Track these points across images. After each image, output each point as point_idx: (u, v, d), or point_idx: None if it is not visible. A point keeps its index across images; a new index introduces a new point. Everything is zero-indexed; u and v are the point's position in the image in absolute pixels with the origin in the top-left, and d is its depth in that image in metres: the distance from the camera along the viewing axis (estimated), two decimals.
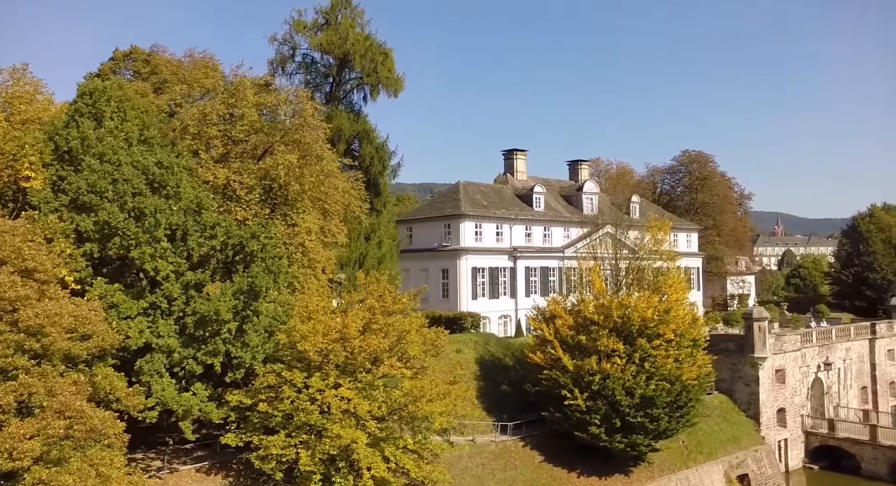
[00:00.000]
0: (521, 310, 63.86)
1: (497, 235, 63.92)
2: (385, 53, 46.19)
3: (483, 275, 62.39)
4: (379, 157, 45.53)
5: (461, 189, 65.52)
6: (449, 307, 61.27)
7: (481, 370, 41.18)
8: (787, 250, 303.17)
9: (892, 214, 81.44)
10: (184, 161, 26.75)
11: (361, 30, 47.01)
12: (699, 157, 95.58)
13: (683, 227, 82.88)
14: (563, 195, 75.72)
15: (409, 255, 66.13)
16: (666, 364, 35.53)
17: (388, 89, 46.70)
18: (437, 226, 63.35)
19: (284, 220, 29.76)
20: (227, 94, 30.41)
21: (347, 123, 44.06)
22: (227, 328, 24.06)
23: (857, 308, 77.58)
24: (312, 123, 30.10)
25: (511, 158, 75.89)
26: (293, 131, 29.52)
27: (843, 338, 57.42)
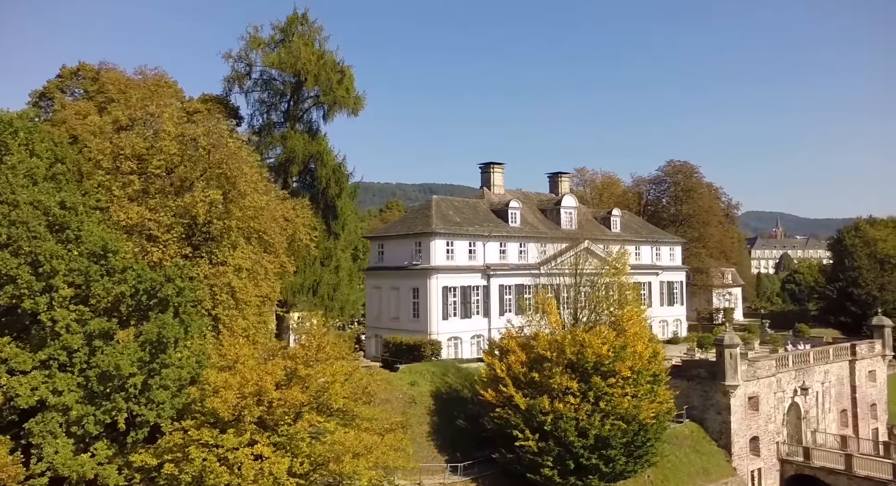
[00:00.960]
0: (495, 329, 62.26)
1: (470, 253, 62.31)
2: (342, 72, 44.65)
3: (454, 294, 60.81)
4: (335, 179, 43.98)
5: (433, 206, 63.91)
6: (419, 327, 59.83)
7: (436, 404, 39.58)
8: (785, 254, 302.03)
9: (878, 228, 79.84)
10: (93, 200, 25.21)
11: (319, 46, 45.51)
12: (684, 167, 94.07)
13: (666, 240, 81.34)
14: (541, 209, 74.10)
15: (381, 273, 64.58)
16: (622, 403, 33.91)
17: (346, 108, 45.10)
18: (408, 243, 61.69)
19: (210, 258, 28.19)
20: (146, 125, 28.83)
21: (301, 145, 42.53)
22: (132, 383, 22.50)
23: (842, 324, 76.00)
24: (239, 156, 28.46)
25: (488, 172, 74.21)
26: (216, 165, 27.92)
27: (822, 361, 55.79)
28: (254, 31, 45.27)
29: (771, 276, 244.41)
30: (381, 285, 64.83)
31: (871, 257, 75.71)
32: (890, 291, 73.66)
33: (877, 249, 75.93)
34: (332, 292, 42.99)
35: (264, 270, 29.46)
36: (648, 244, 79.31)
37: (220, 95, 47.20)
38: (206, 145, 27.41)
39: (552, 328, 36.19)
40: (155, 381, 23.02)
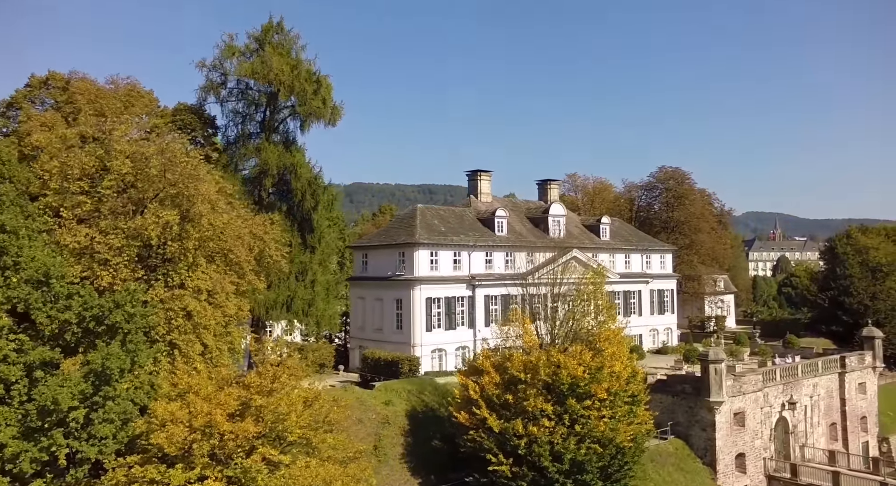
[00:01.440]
0: (481, 341, 61.43)
1: (455, 263, 61.41)
2: (318, 82, 43.65)
3: (439, 305, 59.89)
4: (311, 191, 43.00)
5: (418, 215, 63.02)
6: (402, 339, 58.98)
7: (411, 424, 38.57)
8: (782, 256, 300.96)
9: (870, 235, 78.90)
10: (39, 222, 24.25)
11: (295, 56, 44.53)
12: (676, 173, 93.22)
13: (657, 248, 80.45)
14: (529, 217, 73.20)
15: (365, 283, 63.75)
16: (598, 426, 32.95)
17: (322, 120, 44.14)
18: (392, 254, 60.86)
19: (165, 281, 27.20)
20: (97, 142, 27.82)
21: (275, 157, 41.55)
22: (73, 417, 21.55)
23: (834, 333, 75.07)
24: (196, 174, 27.44)
25: (475, 180, 73.40)
26: (172, 185, 26.93)
27: (811, 374, 54.87)
28: (229, 39, 44.28)
29: (768, 279, 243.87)
30: (365, 296, 63.96)
31: (862, 265, 74.78)
32: (882, 300, 72.72)
33: (868, 257, 74.99)
34: (307, 308, 41.96)
35: (225, 291, 28.46)
36: (638, 252, 78.40)
37: (194, 105, 46.26)
38: (159, 165, 26.41)
39: (527, 348, 35.21)
40: (98, 415, 22.03)
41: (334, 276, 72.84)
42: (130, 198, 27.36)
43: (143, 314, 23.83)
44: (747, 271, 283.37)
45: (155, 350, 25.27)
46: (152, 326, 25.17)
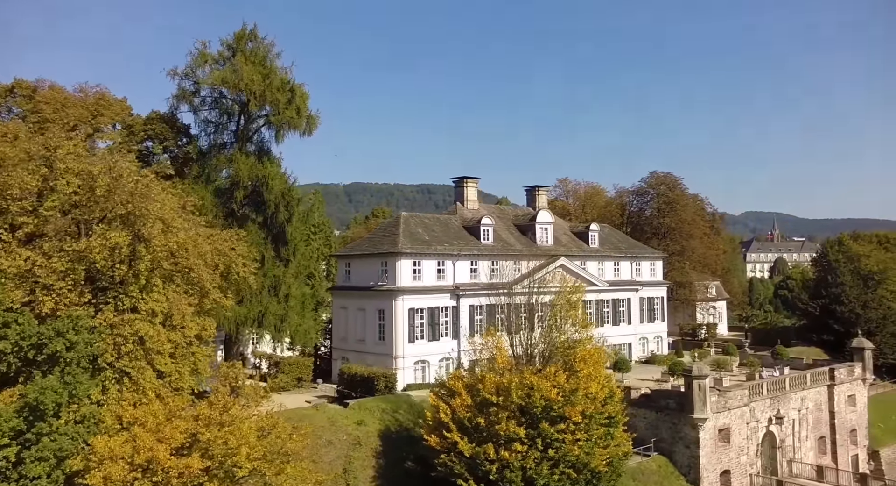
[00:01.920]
0: (465, 351, 60.43)
1: (438, 273, 60.34)
2: (292, 91, 42.57)
3: (422, 316, 58.84)
4: (284, 203, 41.95)
5: (401, 223, 61.92)
6: (385, 350, 57.96)
7: (384, 445, 37.51)
8: (780, 258, 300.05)
9: (861, 243, 77.93)
10: None
11: (269, 64, 43.44)
12: (667, 179, 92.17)
13: (647, 255, 79.37)
14: (517, 225, 72.14)
15: (347, 292, 62.66)
16: (573, 450, 31.89)
17: (296, 130, 43.08)
18: (375, 263, 59.76)
19: (115, 305, 26.13)
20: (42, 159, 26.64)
21: (247, 169, 40.48)
22: (4, 456, 20.49)
23: (825, 342, 74.08)
24: (148, 193, 26.31)
25: (461, 187, 72.37)
26: (122, 205, 25.83)
27: (799, 387, 53.84)
28: (202, 47, 43.20)
29: (765, 280, 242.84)
30: (348, 306, 62.89)
31: (854, 273, 73.76)
32: (873, 308, 71.71)
33: (860, 264, 73.96)
34: (280, 323, 40.89)
35: (181, 313, 27.38)
36: (628, 259, 77.34)
37: (167, 114, 45.23)
38: (105, 185, 25.31)
39: (500, 368, 34.13)
40: (30, 453, 21.00)
41: (312, 288, 71.83)
42: (75, 219, 26.27)
43: (88, 341, 22.77)
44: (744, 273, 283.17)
45: (100, 379, 24.19)
46: (99, 353, 24.10)
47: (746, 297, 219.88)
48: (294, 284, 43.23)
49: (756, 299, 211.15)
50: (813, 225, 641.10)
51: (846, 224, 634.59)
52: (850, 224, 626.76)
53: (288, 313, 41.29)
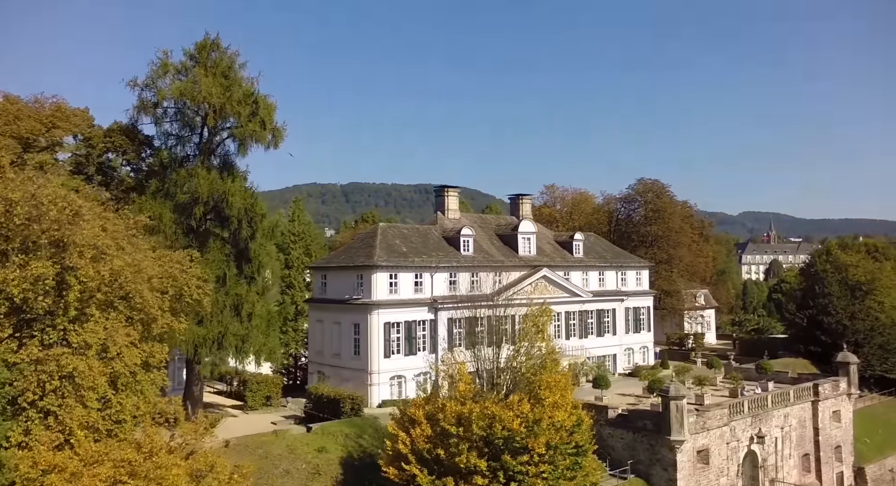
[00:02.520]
0: (443, 366, 59.16)
1: (416, 285, 59.08)
2: (256, 103, 41.17)
3: (398, 330, 57.61)
4: (247, 219, 40.57)
5: (378, 235, 60.66)
6: (360, 365, 56.83)
7: (346, 474, 36.19)
8: (775, 260, 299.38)
9: (849, 253, 76.69)
10: None
11: (232, 76, 42.05)
12: (654, 186, 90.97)
13: (632, 264, 78.17)
14: (499, 235, 70.86)
15: (323, 305, 61.47)
16: (536, 483, 30.64)
17: (260, 143, 41.73)
18: (350, 276, 58.54)
19: (41, 339, 24.76)
20: None
21: (207, 184, 39.08)
22: None
23: (812, 353, 72.87)
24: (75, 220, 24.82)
25: (442, 196, 71.18)
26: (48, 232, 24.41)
27: (782, 404, 52.63)
28: (164, 56, 41.79)
29: (760, 283, 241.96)
30: (324, 319, 61.68)
31: (841, 283, 72.53)
32: (860, 320, 70.48)
33: (848, 275, 72.71)
34: (241, 343, 39.55)
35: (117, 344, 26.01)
36: (613, 269, 76.15)
37: (127, 126, 43.88)
38: (24, 213, 23.92)
39: (462, 396, 32.79)
40: None
41: (293, 299, 70.53)
42: None
43: (4, 381, 21.44)
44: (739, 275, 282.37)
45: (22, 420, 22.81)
46: (18, 392, 22.76)
47: (740, 301, 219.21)
48: (259, 302, 41.85)
49: (750, 303, 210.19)
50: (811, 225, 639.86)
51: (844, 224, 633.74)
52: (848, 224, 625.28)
53: (250, 333, 39.92)
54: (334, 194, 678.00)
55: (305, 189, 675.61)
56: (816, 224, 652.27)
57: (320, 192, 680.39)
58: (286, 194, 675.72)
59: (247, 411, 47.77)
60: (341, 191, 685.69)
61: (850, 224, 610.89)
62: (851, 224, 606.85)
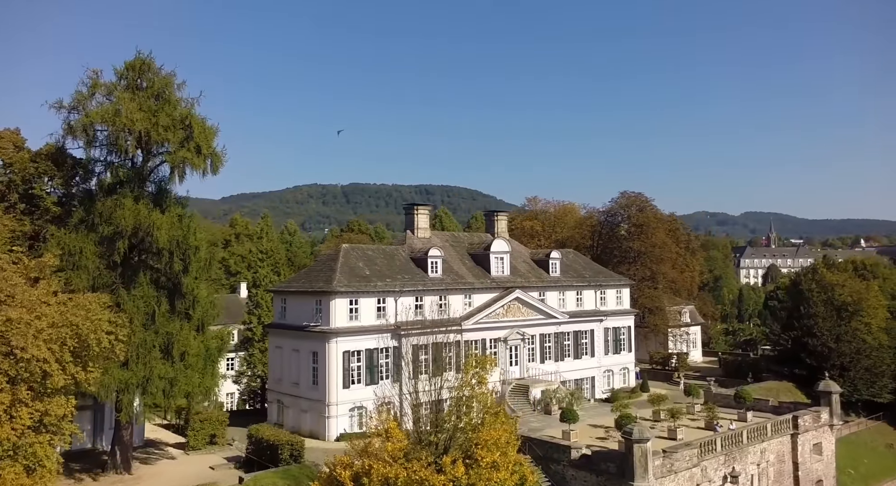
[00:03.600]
0: (407, 395, 56.53)
1: (379, 310, 56.52)
2: (190, 127, 38.54)
3: (359, 358, 55.03)
4: (179, 252, 37.92)
5: (341, 257, 58.09)
6: (318, 396, 54.44)
7: None
8: (772, 265, 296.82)
9: (835, 272, 73.99)
10: None
11: (167, 96, 39.48)
12: (637, 200, 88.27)
13: (612, 282, 75.49)
14: (471, 254, 68.21)
15: (282, 331, 58.99)
16: None
17: (195, 169, 39.14)
18: (309, 301, 56.07)
19: None
20: None
21: (132, 215, 36.40)
22: None
23: (797, 376, 70.18)
24: None
25: (412, 214, 68.48)
26: None
27: (758, 439, 49.98)
28: (94, 75, 39.18)
29: (757, 288, 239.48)
30: (283, 345, 59.20)
31: (827, 304, 69.80)
32: (846, 342, 67.75)
33: (834, 295, 70.01)
34: (170, 387, 36.93)
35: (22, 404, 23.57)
36: (592, 288, 73.51)
37: (57, 149, 41.32)
38: None
39: (391, 456, 30.05)
40: None
41: (259, 319, 67.99)
42: None
43: None
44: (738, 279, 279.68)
45: None
46: None
47: (735, 308, 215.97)
48: (196, 338, 39.21)
49: (745, 310, 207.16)
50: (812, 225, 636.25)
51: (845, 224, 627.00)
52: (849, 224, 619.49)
53: (180, 375, 37.24)
54: (335, 195, 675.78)
55: (306, 190, 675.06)
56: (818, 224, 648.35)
57: (321, 192, 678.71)
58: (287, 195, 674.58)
59: (188, 451, 45.21)
60: (342, 192, 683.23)
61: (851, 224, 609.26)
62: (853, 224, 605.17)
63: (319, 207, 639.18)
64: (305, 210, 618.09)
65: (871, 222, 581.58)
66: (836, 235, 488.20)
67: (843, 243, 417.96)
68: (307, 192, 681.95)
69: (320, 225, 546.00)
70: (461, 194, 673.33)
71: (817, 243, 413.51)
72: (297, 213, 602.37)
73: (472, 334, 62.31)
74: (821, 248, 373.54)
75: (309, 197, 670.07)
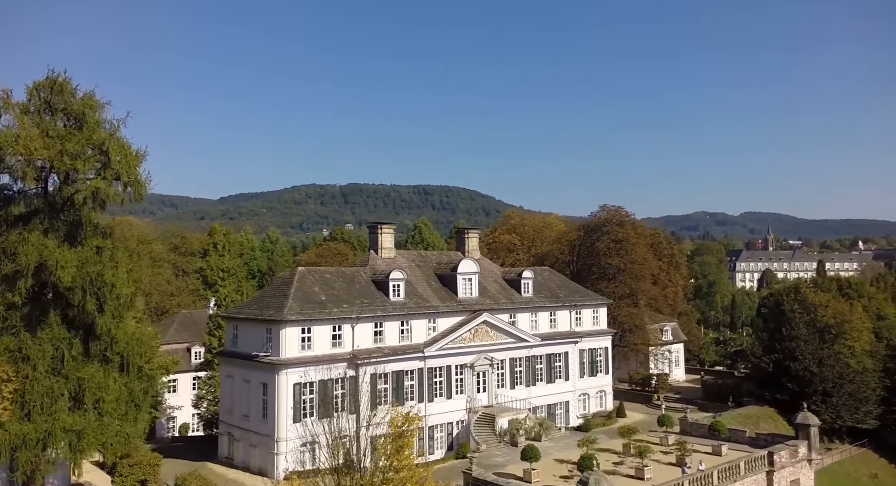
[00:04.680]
0: (364, 428, 53.52)
1: (334, 338, 53.59)
2: (106, 154, 35.55)
3: (311, 390, 52.06)
4: (93, 290, 34.96)
5: (295, 282, 55.07)
6: (267, 430, 51.59)
7: None
8: (767, 270, 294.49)
9: (817, 293, 71.05)
10: None
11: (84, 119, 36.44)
12: (617, 215, 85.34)
13: (588, 302, 72.53)
14: (438, 274, 65.23)
15: (234, 360, 55.99)
16: None
17: (112, 201, 36.20)
18: (260, 329, 53.11)
19: None
20: None
21: (35, 252, 33.43)
22: None
23: (778, 401, 67.21)
24: None
25: (375, 233, 65.54)
26: None
27: (730, 479, 47.05)
28: (4, 95, 36.18)
29: (752, 293, 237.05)
30: (234, 375, 56.28)
31: (809, 325, 66.84)
32: (829, 366, 64.72)
33: (817, 316, 67.09)
34: (77, 440, 33.95)
35: None
36: (566, 308, 70.55)
37: None
38: None
39: None
40: None
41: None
42: None
43: None
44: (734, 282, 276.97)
45: None
46: None
47: (728, 316, 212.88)
48: (117, 381, 36.22)
49: (738, 317, 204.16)
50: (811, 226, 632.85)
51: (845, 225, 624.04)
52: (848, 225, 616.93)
53: (89, 427, 34.12)
54: (333, 195, 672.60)
55: (304, 190, 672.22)
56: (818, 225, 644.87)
57: (319, 193, 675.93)
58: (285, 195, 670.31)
59: None
60: (340, 192, 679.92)
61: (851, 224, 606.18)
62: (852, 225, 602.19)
63: (318, 207, 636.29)
64: (303, 211, 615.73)
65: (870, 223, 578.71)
66: (836, 235, 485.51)
67: (842, 244, 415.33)
68: (305, 192, 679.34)
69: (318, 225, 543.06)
70: (460, 195, 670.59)
71: (815, 245, 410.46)
72: (296, 213, 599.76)
73: (435, 361, 59.46)
74: (819, 250, 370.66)
75: (307, 197, 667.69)
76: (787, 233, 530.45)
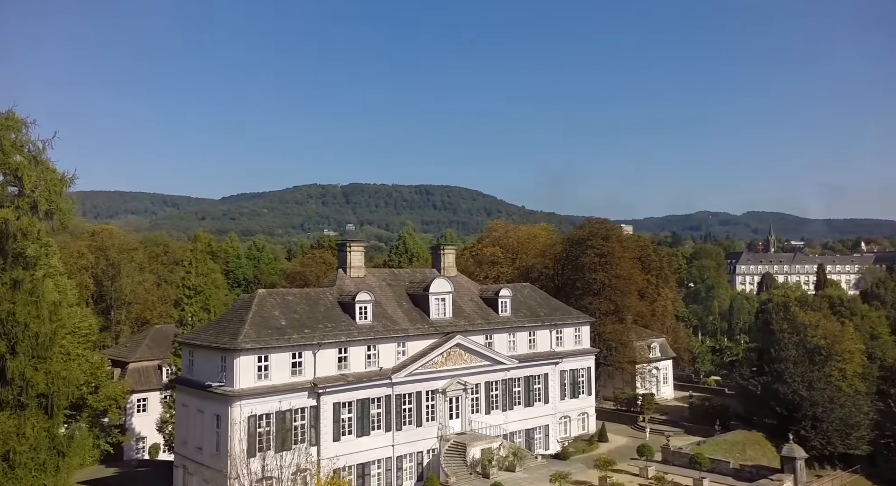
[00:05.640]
0: (327, 460, 50.92)
1: (294, 366, 50.72)
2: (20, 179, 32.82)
3: (268, 422, 49.18)
4: (24, 336, 32.21)
5: (254, 306, 52.16)
6: (219, 465, 48.55)
7: None
8: (767, 273, 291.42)
9: (808, 311, 68.12)
10: None
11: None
12: (601, 228, 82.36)
13: (570, 321, 69.57)
14: (410, 294, 62.33)
15: (189, 389, 53.14)
16: None
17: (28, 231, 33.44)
18: (214, 357, 50.27)
19: None
20: None
21: None
22: None
23: (767, 426, 64.31)
24: None
25: (344, 252, 62.67)
26: None
27: None
28: None
29: (751, 297, 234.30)
30: (189, 404, 53.36)
31: (799, 346, 63.90)
32: (819, 390, 61.64)
33: (806, 336, 64.18)
34: None
35: None
36: (546, 328, 67.59)
37: None
38: None
39: None
40: None
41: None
42: None
43: None
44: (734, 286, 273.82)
45: None
46: None
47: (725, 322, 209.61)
48: (36, 427, 33.43)
49: (736, 324, 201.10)
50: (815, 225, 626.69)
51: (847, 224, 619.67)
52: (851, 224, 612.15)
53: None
54: (335, 195, 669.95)
55: (306, 190, 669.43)
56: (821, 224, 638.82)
57: (321, 193, 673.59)
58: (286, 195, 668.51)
59: None
60: (342, 192, 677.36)
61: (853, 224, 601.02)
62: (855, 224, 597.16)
63: (319, 207, 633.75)
64: (305, 211, 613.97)
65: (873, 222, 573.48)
66: (839, 235, 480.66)
67: (844, 245, 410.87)
68: (307, 192, 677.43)
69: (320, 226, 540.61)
70: (461, 194, 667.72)
71: (817, 246, 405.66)
72: (297, 213, 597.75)
73: (404, 387, 56.63)
74: (821, 251, 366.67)
75: (308, 197, 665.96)
76: (789, 233, 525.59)
